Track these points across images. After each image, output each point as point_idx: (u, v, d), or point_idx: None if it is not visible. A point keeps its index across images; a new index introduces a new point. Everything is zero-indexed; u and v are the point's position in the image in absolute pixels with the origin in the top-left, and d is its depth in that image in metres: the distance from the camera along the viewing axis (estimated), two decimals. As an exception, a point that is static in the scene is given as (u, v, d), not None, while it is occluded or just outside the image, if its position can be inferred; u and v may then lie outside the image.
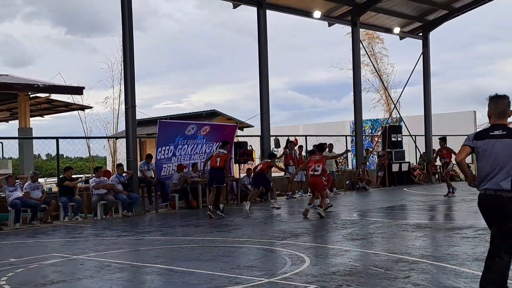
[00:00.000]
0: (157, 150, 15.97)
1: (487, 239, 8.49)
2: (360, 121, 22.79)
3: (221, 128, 18.04)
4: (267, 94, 18.79)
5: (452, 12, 24.43)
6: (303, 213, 12.53)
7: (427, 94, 25.76)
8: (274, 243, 8.92)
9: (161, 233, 10.75)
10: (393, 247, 8.15)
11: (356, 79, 22.44)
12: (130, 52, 15.22)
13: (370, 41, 32.54)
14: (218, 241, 9.41)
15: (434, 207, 14.40)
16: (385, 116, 32.32)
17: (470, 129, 29.40)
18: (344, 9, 21.79)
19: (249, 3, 18.74)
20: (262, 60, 18.67)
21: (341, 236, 9.46)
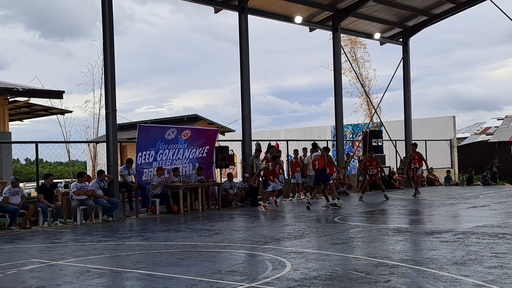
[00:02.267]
0: (137, 155, 15.87)
1: (466, 243, 8.61)
2: (341, 126, 22.90)
3: (202, 132, 18.00)
4: (248, 98, 18.81)
5: (431, 18, 24.72)
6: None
7: (407, 99, 26.00)
8: (256, 248, 8.91)
9: (141, 238, 10.68)
10: (373, 251, 8.19)
11: (337, 84, 22.55)
12: (110, 56, 15.13)
13: (352, 46, 32.76)
14: (199, 246, 9.37)
15: (414, 211, 14.51)
16: (365, 121, 32.52)
17: (449, 134, 29.76)
18: (325, 15, 21.92)
19: (231, 8, 18.76)
20: (243, 64, 18.70)
21: (322, 240, 9.49)
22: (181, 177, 16.62)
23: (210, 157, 17.84)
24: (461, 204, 15.60)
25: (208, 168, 17.73)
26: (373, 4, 21.92)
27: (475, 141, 36.17)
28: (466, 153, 31.70)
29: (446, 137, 29.48)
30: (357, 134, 32.79)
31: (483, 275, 6.28)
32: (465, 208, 14.59)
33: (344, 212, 14.58)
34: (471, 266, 6.79)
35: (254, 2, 19.08)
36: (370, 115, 31.97)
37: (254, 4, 19.22)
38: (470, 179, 25.75)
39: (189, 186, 16.24)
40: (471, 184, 25.16)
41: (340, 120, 22.69)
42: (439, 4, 23.62)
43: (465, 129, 42.66)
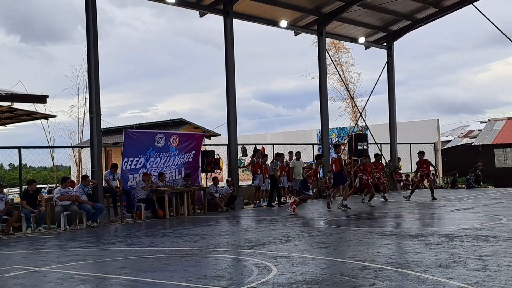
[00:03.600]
0: (123, 160, 15.78)
1: (450, 245, 8.66)
2: (327, 129, 22.97)
3: (188, 137, 17.95)
4: (234, 102, 18.81)
5: (415, 23, 24.93)
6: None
7: (392, 102, 26.16)
8: (241, 252, 8.90)
9: (126, 244, 10.61)
10: (359, 255, 8.21)
11: (323, 88, 22.63)
12: (94, 60, 15.05)
13: (336, 50, 32.89)
14: (184, 251, 9.33)
15: (399, 215, 14.57)
16: (351, 124, 32.65)
17: (433, 137, 29.99)
18: (310, 19, 22.01)
19: (216, 12, 18.77)
20: (229, 68, 18.70)
21: (308, 244, 9.49)
22: (167, 182, 16.56)
23: (196, 161, 17.80)
24: (445, 207, 15.70)
25: (194, 172, 17.69)
26: (357, 9, 22.05)
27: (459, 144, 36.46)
28: (450, 156, 31.94)
29: (430, 140, 29.69)
30: (342, 137, 32.90)
31: (467, 278, 6.32)
32: (449, 211, 14.69)
33: (330, 216, 14.61)
34: (455, 269, 6.83)
35: (239, 7, 19.10)
36: (355, 119, 32.10)
37: (239, 8, 19.24)
38: (454, 182, 25.94)
39: (174, 190, 16.19)
40: (455, 187, 25.35)
41: (326, 123, 22.76)
42: (422, 8, 23.82)
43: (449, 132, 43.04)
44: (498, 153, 30.84)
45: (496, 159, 30.69)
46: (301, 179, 16.70)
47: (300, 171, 19.74)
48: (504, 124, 33.42)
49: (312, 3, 21.12)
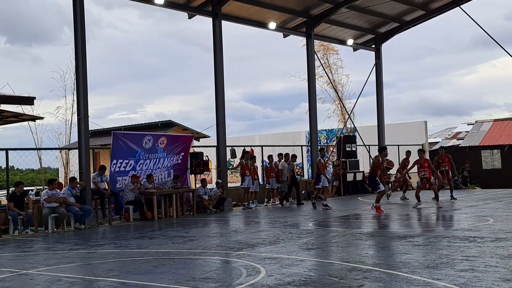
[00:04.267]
0: (112, 162, 15.71)
1: (437, 246, 8.71)
2: (315, 131, 23.02)
3: (177, 138, 17.91)
4: (223, 104, 18.79)
5: (403, 25, 25.06)
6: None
7: (380, 104, 26.28)
8: (230, 254, 8.89)
9: (114, 246, 10.56)
10: (347, 256, 8.23)
11: (311, 89, 22.68)
12: (82, 62, 14.98)
13: (325, 52, 33.00)
14: (173, 253, 9.31)
15: (387, 216, 14.62)
16: (339, 126, 32.75)
17: (421, 139, 30.15)
18: (298, 21, 22.06)
19: (205, 14, 18.75)
20: (217, 70, 18.68)
21: (296, 246, 9.50)
22: (156, 184, 16.51)
23: (184, 163, 17.77)
24: (433, 208, 15.78)
25: (182, 174, 17.65)
26: (345, 11, 22.14)
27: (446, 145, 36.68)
28: (438, 158, 32.06)
29: (418, 142, 29.84)
30: (331, 139, 33.00)
31: (455, 278, 6.36)
32: (437, 212, 14.77)
33: (319, 217, 14.64)
34: (442, 270, 6.87)
35: (228, 8, 19.10)
36: (343, 121, 32.21)
37: (228, 10, 19.24)
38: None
39: (163, 192, 16.14)
40: (443, 188, 25.48)
41: (315, 125, 22.81)
42: (410, 11, 23.96)
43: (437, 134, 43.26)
44: (485, 155, 31.09)
45: (483, 161, 30.93)
46: (369, 176, 15.72)
47: (286, 173, 19.77)
48: (491, 126, 33.69)
49: (300, 5, 21.17)
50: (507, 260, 7.31)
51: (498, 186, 25.77)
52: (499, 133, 32.68)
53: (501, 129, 32.99)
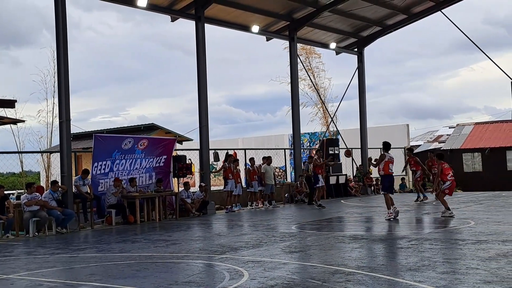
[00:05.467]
0: (93, 165, 15.60)
1: (419, 249, 8.78)
2: (298, 134, 23.09)
3: (159, 141, 17.84)
4: (206, 107, 18.75)
5: (385, 29, 25.26)
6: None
7: (362, 108, 26.43)
8: (213, 258, 8.87)
9: (96, 250, 10.48)
10: (330, 259, 8.26)
11: (294, 93, 22.76)
12: (64, 65, 14.87)
13: (307, 56, 33.13)
14: (156, 256, 9.26)
15: (369, 219, 14.71)
16: (322, 129, 32.89)
17: (403, 142, 30.37)
18: (281, 24, 22.12)
19: (188, 17, 18.72)
20: (200, 73, 18.64)
21: (279, 249, 9.51)
22: (138, 187, 16.42)
23: (167, 166, 17.69)
24: (415, 211, 15.91)
25: (165, 177, 17.58)
26: (328, 15, 22.25)
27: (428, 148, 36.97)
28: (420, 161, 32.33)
29: (400, 145, 30.05)
30: (314, 142, 33.11)
31: (436, 281, 6.41)
32: (419, 215, 14.89)
33: (302, 220, 14.67)
34: (424, 272, 6.92)
35: (211, 11, 19.09)
36: (326, 124, 32.35)
37: (211, 13, 19.23)
38: (423, 186, 26.27)
39: (146, 196, 16.06)
40: (425, 191, 25.68)
41: (297, 128, 22.87)
42: (392, 15, 24.16)
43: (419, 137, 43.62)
44: (466, 158, 31.42)
45: (465, 164, 31.25)
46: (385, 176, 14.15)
47: (271, 175, 19.83)
48: (472, 129, 34.06)
49: (283, 8, 21.24)
50: (487, 263, 7.39)
51: (479, 189, 26.06)
52: (480, 136, 33.05)
53: (481, 133, 33.37)
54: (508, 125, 33.45)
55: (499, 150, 31.39)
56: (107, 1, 17.10)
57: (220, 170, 19.31)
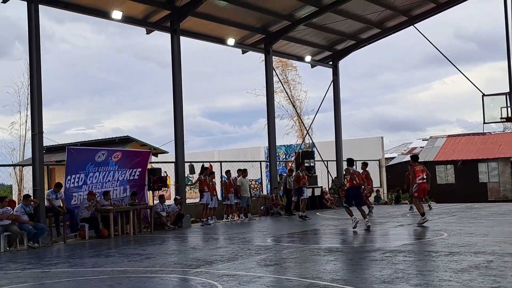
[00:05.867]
0: (66, 178, 15.40)
1: (393, 261, 8.83)
2: (274, 147, 23.14)
3: (133, 154, 17.70)
4: (181, 120, 18.69)
5: (359, 43, 25.56)
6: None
7: (337, 120, 26.62)
8: (188, 272, 8.80)
9: (69, 265, 10.32)
10: (305, 272, 8.26)
11: (270, 105, 22.84)
12: (37, 76, 14.71)
13: (284, 69, 33.33)
14: (130, 271, 9.15)
15: (344, 231, 14.76)
16: (298, 142, 33.03)
17: (378, 154, 30.67)
18: (257, 37, 22.23)
19: (163, 30, 18.70)
20: (176, 86, 18.59)
21: (254, 262, 9.48)
22: (112, 200, 16.25)
23: (142, 179, 17.55)
24: (389, 223, 16.03)
25: (140, 190, 17.43)
26: (303, 28, 22.45)
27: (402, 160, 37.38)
28: (394, 173, 32.72)
29: (375, 157, 30.34)
30: (290, 154, 33.22)
31: (410, 293, 6.45)
32: (394, 227, 15.01)
33: (278, 233, 14.66)
34: (398, 284, 6.96)
35: (186, 24, 19.10)
36: (302, 136, 32.50)
37: (186, 26, 19.25)
38: (398, 198, 26.56)
39: (120, 209, 15.89)
40: (399, 203, 25.95)
41: (273, 141, 22.93)
42: (366, 29, 24.47)
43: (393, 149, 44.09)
44: (440, 170, 31.86)
45: (438, 176, 31.68)
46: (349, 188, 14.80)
47: (247, 188, 19.82)
48: (445, 141, 34.58)
49: (259, 22, 21.36)
50: (460, 274, 7.47)
51: (451, 201, 26.38)
52: (453, 148, 33.56)
53: (454, 145, 33.90)
54: (479, 137, 34.05)
55: (471, 162, 31.92)
56: (81, 13, 17.03)
57: (196, 182, 19.23)
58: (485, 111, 23.14)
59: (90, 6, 16.81)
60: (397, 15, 23.75)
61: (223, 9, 19.63)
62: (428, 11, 23.85)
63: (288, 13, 21.34)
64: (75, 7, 16.59)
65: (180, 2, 17.92)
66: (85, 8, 16.82)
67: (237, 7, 19.66)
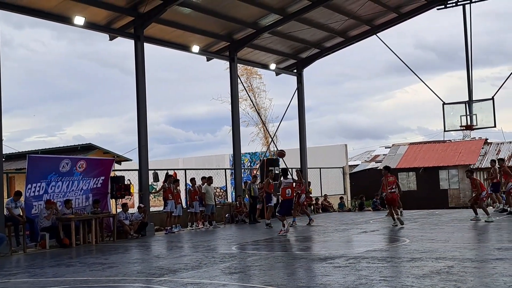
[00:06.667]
0: (27, 187, 15.05)
1: (357, 267, 8.91)
2: (239, 154, 23.12)
3: (97, 162, 17.43)
4: (145, 127, 18.49)
5: (323, 51, 25.83)
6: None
7: (302, 128, 26.78)
8: (151, 281, 8.69)
9: (29, 275, 10.07)
10: (269, 279, 8.25)
11: (235, 113, 22.83)
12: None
13: (248, 76, 33.41)
14: (91, 281, 8.98)
15: (308, 238, 14.84)
16: (263, 149, 33.10)
17: (342, 161, 30.98)
18: (222, 45, 22.24)
19: (127, 36, 18.52)
20: (139, 93, 18.40)
21: (219, 270, 9.43)
22: (74, 209, 15.94)
23: (105, 187, 17.29)
24: (353, 230, 16.18)
25: (103, 199, 17.16)
26: (268, 36, 22.56)
27: (366, 168, 37.90)
28: (357, 180, 33.13)
29: (339, 165, 30.64)
30: (254, 162, 33.25)
31: (373, 299, 6.50)
32: (357, 234, 15.16)
33: (242, 240, 14.63)
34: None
35: (150, 31, 18.97)
36: (267, 144, 32.59)
37: (150, 33, 19.11)
38: (361, 205, 26.86)
39: (81, 218, 15.61)
40: (363, 210, 26.24)
41: (238, 148, 22.92)
42: (329, 38, 24.76)
43: (356, 157, 44.60)
44: (402, 177, 32.35)
45: (400, 183, 32.07)
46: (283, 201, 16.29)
47: (212, 195, 19.75)
48: (407, 149, 35.17)
49: (223, 29, 21.38)
50: (422, 280, 7.58)
51: (413, 207, 26.78)
52: (414, 156, 34.17)
53: (416, 152, 34.52)
54: (440, 145, 34.77)
55: (432, 169, 32.55)
56: (43, 19, 16.74)
57: (160, 190, 19.05)
58: (446, 119, 23.70)
59: (52, 12, 16.53)
60: (360, 24, 24.11)
61: (187, 16, 19.60)
62: (390, 20, 24.31)
63: (253, 21, 21.43)
64: (36, 13, 16.30)
65: (144, 8, 17.80)
66: (47, 14, 16.54)
67: (202, 15, 19.64)
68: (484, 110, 23.08)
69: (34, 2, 15.98)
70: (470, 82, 23.45)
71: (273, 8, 20.81)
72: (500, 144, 33.66)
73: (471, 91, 23.38)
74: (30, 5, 15.99)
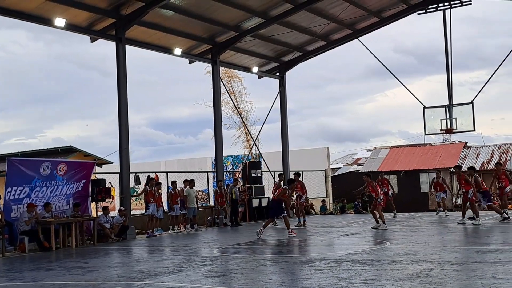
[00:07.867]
0: (6, 190, 14.86)
1: (338, 270, 8.94)
2: (221, 157, 23.08)
3: (78, 165, 17.26)
4: (126, 130, 18.37)
5: (305, 54, 25.92)
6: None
7: (284, 131, 26.82)
8: (132, 285, 8.63)
9: (7, 279, 9.93)
10: (251, 283, 8.24)
11: (217, 116, 22.80)
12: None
13: (229, 80, 33.41)
14: (71, 285, 8.90)
15: (291, 241, 14.85)
16: (245, 152, 33.10)
17: (324, 164, 31.10)
18: (204, 47, 22.21)
19: (108, 38, 18.40)
20: (121, 95, 18.27)
21: (200, 274, 9.40)
22: (54, 212, 15.78)
23: (85, 190, 17.14)
24: (334, 232, 16.24)
25: (83, 202, 17.01)
26: (250, 39, 22.58)
27: (347, 171, 38.08)
28: (339, 183, 33.28)
29: (321, 168, 30.75)
30: (237, 165, 33.25)
31: (353, 302, 6.53)
32: (338, 236, 15.21)
33: (224, 243, 14.60)
34: (342, 293, 7.04)
35: (132, 33, 18.87)
36: (249, 147, 32.61)
37: (132, 35, 19.01)
38: (343, 207, 26.98)
39: (61, 221, 15.45)
40: (344, 213, 26.35)
41: (220, 151, 22.87)
42: (312, 41, 24.86)
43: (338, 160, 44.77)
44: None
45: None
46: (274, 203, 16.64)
47: (193, 198, 19.69)
48: (388, 152, 35.42)
49: (206, 32, 21.35)
50: (402, 282, 7.63)
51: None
52: (396, 159, 34.42)
53: (397, 155, 34.78)
54: (421, 148, 35.07)
55: (413, 172, 32.80)
56: (23, 20, 16.56)
57: (141, 193, 18.95)
58: (426, 123, 23.90)
59: (32, 13, 16.38)
60: (342, 28, 24.24)
61: (170, 19, 19.54)
62: (372, 25, 24.47)
63: (236, 24, 21.43)
64: (17, 14, 16.12)
65: (126, 10, 17.71)
66: (27, 15, 16.37)
67: (184, 17, 19.60)
68: (463, 114, 23.30)
69: (14, 4, 15.81)
70: (450, 86, 23.68)
71: (255, 11, 20.84)
72: (479, 148, 34.05)
73: (451, 95, 23.62)
74: (10, 6, 15.81)
